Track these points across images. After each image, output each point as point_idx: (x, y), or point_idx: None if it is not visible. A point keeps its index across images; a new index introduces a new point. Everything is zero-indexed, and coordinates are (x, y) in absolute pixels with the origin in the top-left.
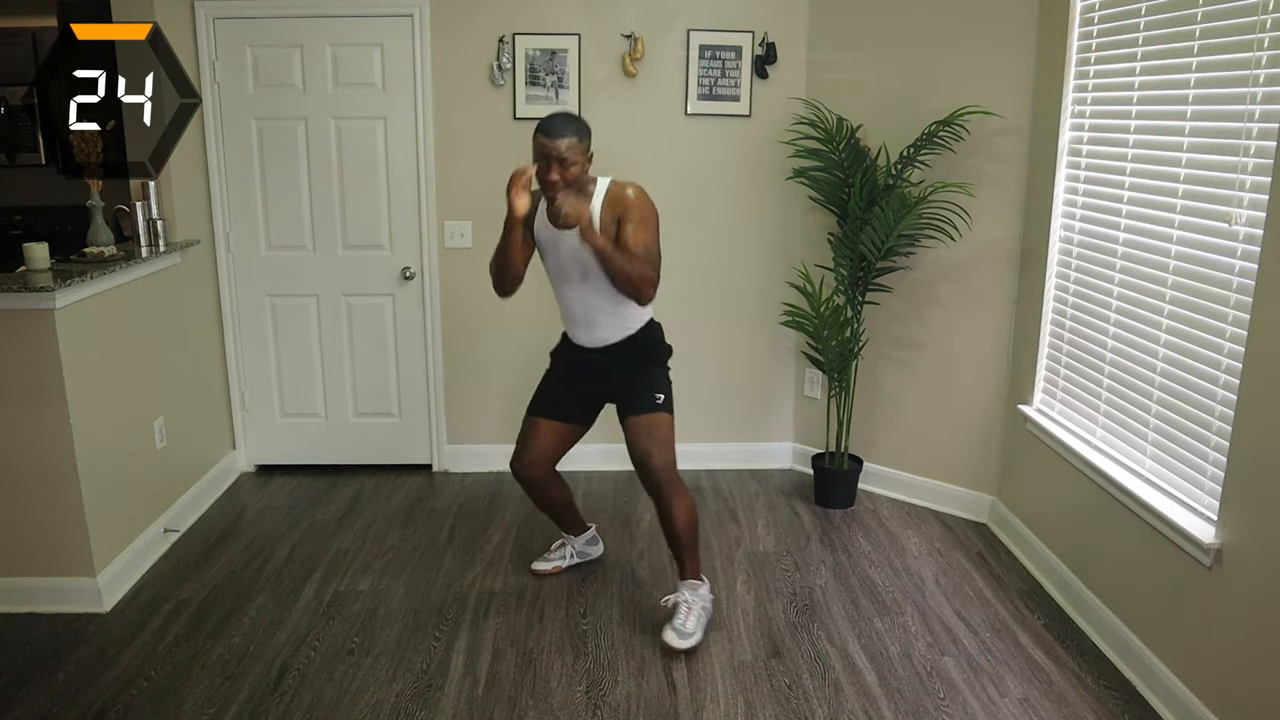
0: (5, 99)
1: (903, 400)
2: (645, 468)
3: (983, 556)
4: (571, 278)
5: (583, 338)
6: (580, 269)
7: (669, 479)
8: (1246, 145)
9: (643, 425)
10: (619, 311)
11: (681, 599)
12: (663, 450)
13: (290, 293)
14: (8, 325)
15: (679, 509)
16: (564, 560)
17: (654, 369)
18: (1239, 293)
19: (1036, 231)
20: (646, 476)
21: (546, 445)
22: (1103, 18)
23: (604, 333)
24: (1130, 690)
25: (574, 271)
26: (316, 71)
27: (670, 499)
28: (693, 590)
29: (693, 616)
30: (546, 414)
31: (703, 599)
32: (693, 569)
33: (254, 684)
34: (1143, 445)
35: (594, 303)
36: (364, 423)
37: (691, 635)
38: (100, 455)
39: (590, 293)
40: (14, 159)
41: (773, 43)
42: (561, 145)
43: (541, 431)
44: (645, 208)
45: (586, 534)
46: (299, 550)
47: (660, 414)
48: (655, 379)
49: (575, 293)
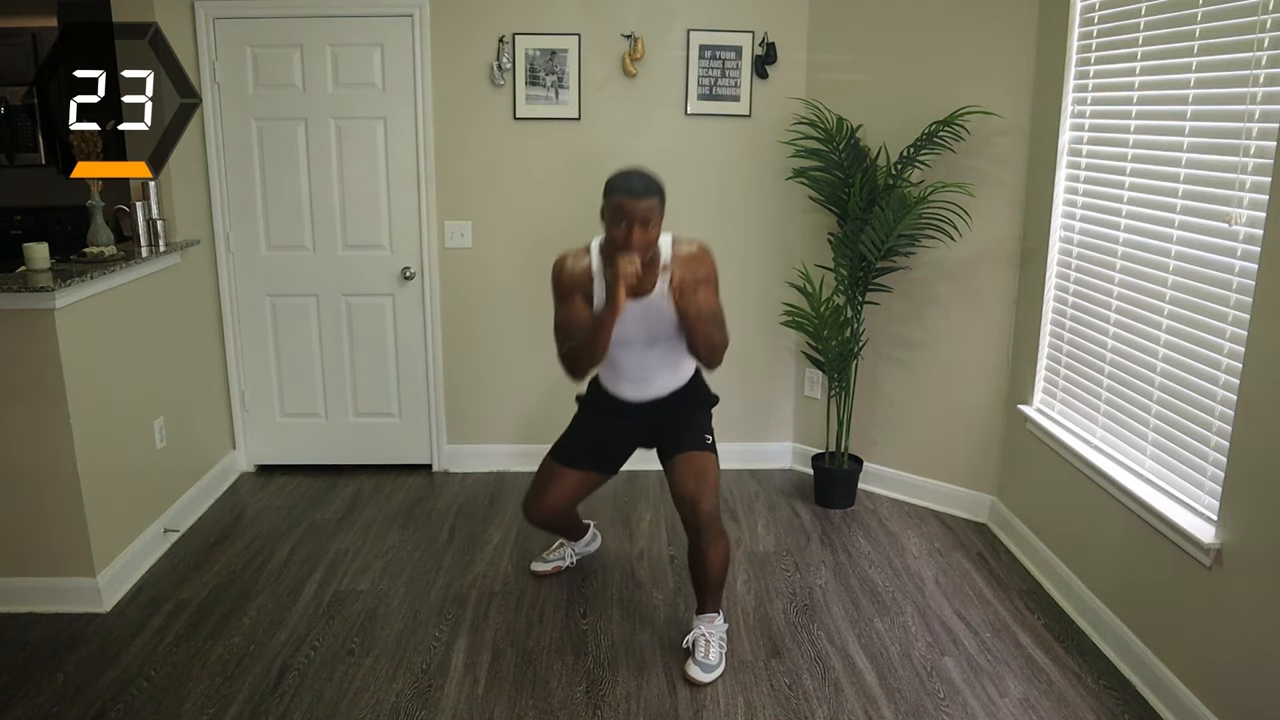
0: (5, 99)
1: (903, 400)
2: (693, 512)
3: (983, 556)
4: (634, 344)
5: (631, 394)
6: (647, 335)
7: (712, 524)
8: (1246, 145)
9: (693, 465)
10: (677, 368)
11: (700, 634)
12: (711, 494)
13: (290, 293)
14: (8, 325)
15: (715, 554)
16: (563, 560)
17: (702, 411)
18: (1239, 293)
19: (1036, 231)
20: (692, 519)
21: (566, 495)
22: (1103, 18)
23: (656, 389)
24: (1130, 690)
25: (638, 338)
26: (316, 71)
27: (710, 543)
28: (710, 624)
29: (714, 649)
30: (573, 463)
31: (719, 630)
32: (714, 604)
33: (254, 684)
34: (1143, 445)
35: (655, 364)
36: (364, 423)
37: (716, 668)
38: (100, 455)
39: (654, 357)
40: (14, 159)
41: (773, 43)
42: (645, 206)
43: (565, 481)
44: (713, 271)
45: (585, 536)
46: (299, 550)
47: (710, 454)
48: (704, 420)
49: (635, 357)
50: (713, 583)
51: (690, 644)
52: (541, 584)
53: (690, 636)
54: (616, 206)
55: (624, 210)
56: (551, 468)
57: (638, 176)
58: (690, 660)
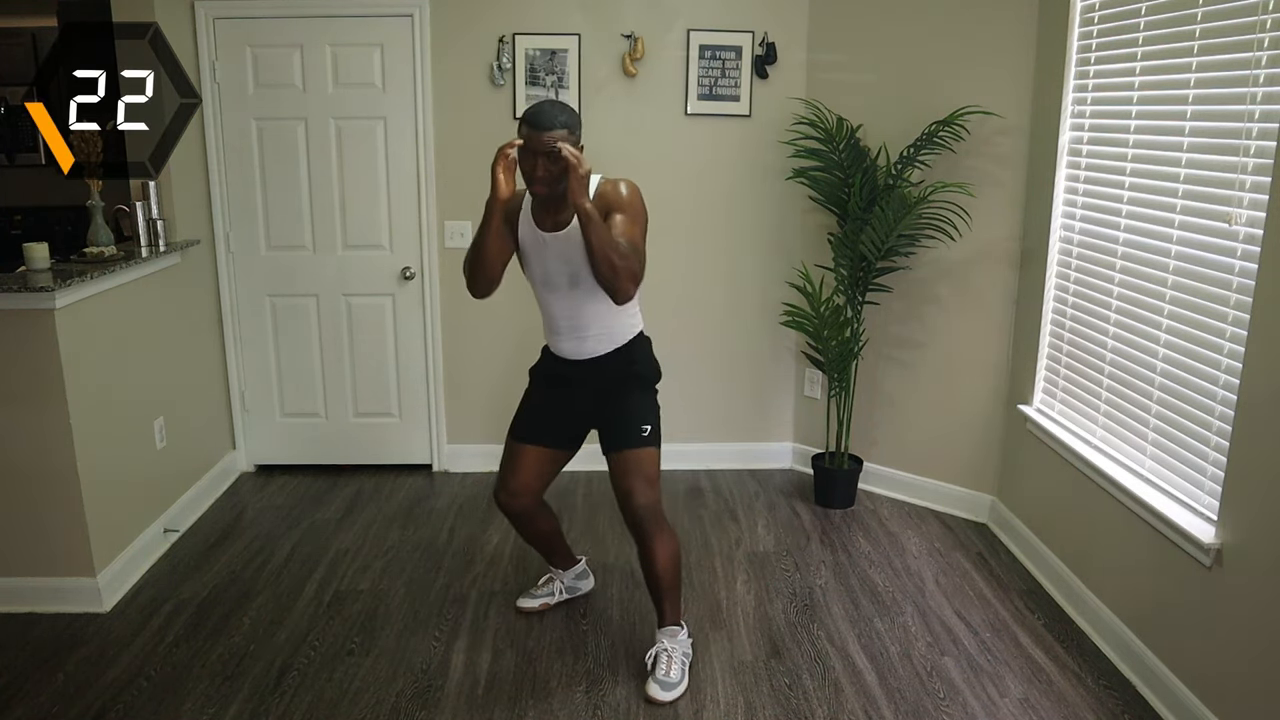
0: (5, 99)
1: (903, 400)
2: (627, 508)
3: (983, 556)
4: (558, 284)
5: (568, 349)
6: (569, 273)
7: (651, 518)
8: (1246, 145)
9: (628, 462)
10: (608, 321)
11: (661, 649)
12: (646, 488)
13: (290, 293)
14: (8, 325)
15: (660, 549)
16: (552, 597)
17: (641, 395)
18: (1239, 293)
19: (1036, 231)
20: (628, 516)
21: (532, 474)
22: (1103, 18)
23: (591, 344)
24: (1130, 690)
25: (562, 277)
26: (316, 71)
27: (651, 537)
28: (672, 638)
29: (675, 665)
30: (530, 439)
31: (683, 645)
32: (673, 615)
33: (254, 684)
34: (1143, 445)
35: (583, 310)
36: (364, 423)
37: (676, 685)
38: (100, 455)
39: (579, 299)
40: (14, 159)
41: (773, 43)
42: (551, 137)
43: (526, 459)
44: (636, 204)
45: (576, 568)
46: (299, 550)
47: (646, 449)
48: (642, 407)
49: (563, 300)
50: (665, 587)
51: (650, 659)
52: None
53: (651, 652)
54: (521, 136)
55: (529, 141)
56: (509, 446)
57: (547, 105)
58: (650, 678)
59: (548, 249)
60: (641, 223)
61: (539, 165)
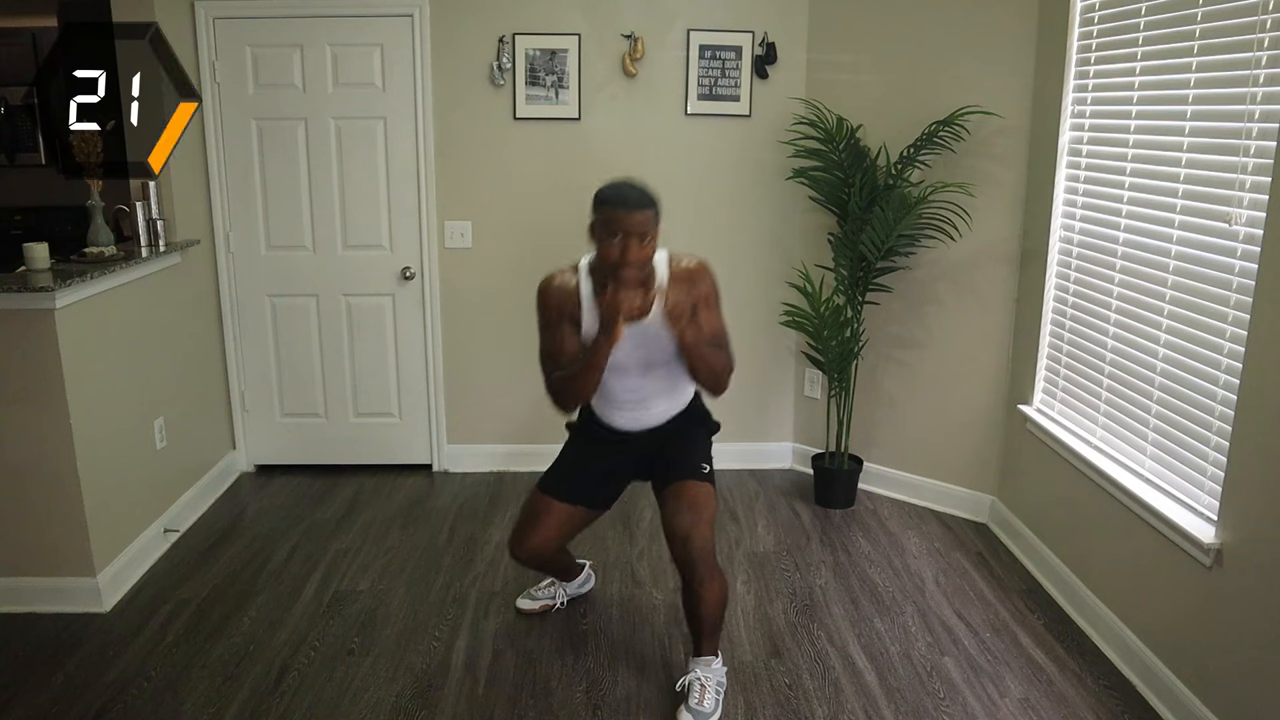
0: (5, 99)
1: (903, 400)
2: (685, 548)
3: (983, 556)
4: (628, 372)
5: (625, 423)
6: (643, 362)
7: (706, 560)
8: (1246, 145)
9: (687, 496)
10: (676, 393)
11: (695, 678)
12: (706, 529)
13: (290, 293)
14: (8, 325)
15: (710, 593)
16: (552, 600)
17: (700, 435)
18: (1239, 293)
19: (1036, 231)
20: (684, 556)
21: (554, 531)
22: (1103, 18)
23: (653, 418)
24: (1130, 690)
25: (633, 365)
26: (316, 71)
27: (704, 581)
28: (706, 666)
29: (709, 695)
30: (562, 497)
31: (717, 674)
32: (710, 648)
33: (254, 684)
34: (1143, 445)
35: (652, 391)
36: (364, 423)
37: (710, 715)
38: (100, 455)
39: (651, 382)
40: (14, 159)
41: (773, 43)
42: (641, 219)
43: (555, 516)
44: (714, 287)
45: (579, 577)
46: (299, 550)
47: (706, 485)
48: (701, 446)
49: (629, 385)
50: (708, 625)
51: (684, 687)
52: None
53: (684, 680)
54: (609, 220)
55: (618, 224)
56: (538, 500)
57: (630, 187)
58: (683, 706)
59: (621, 342)
60: (719, 306)
61: (631, 249)
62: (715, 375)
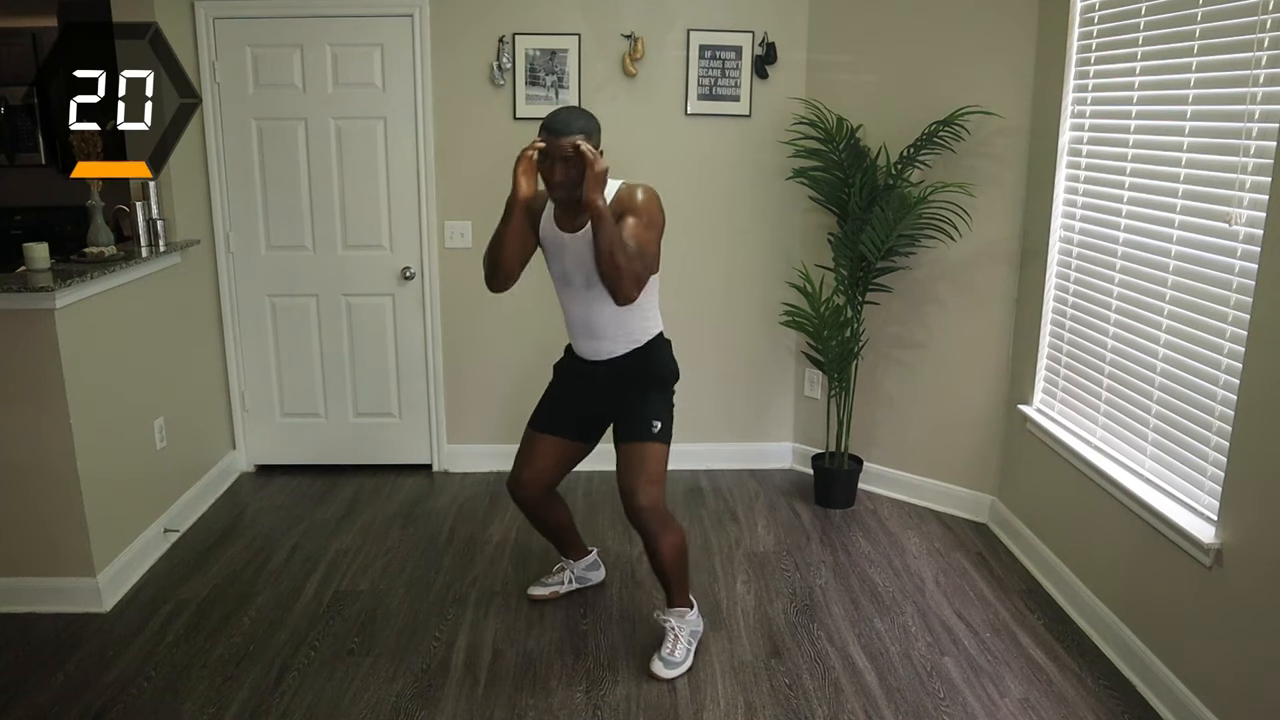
0: (5, 99)
1: (903, 400)
2: (629, 504)
3: (983, 556)
4: (575, 283)
5: (586, 349)
6: (585, 274)
7: (655, 517)
8: (1246, 145)
9: (633, 455)
10: (625, 322)
11: (669, 625)
12: (649, 486)
13: (290, 293)
14: (8, 325)
15: (665, 546)
16: (562, 585)
17: (654, 392)
18: (1239, 293)
19: (1036, 231)
20: (631, 514)
21: (547, 465)
22: (1103, 18)
23: (608, 344)
24: (1130, 690)
25: (579, 276)
26: (316, 71)
27: (656, 536)
28: (679, 617)
29: (680, 644)
30: (548, 429)
31: (690, 624)
32: (680, 598)
33: (254, 684)
34: (1143, 445)
35: (598, 311)
36: (364, 423)
37: (680, 664)
38: (100, 455)
39: (595, 300)
40: (14, 159)
41: (773, 43)
42: (568, 143)
43: (542, 449)
44: (652, 209)
45: (587, 559)
46: (299, 550)
47: (653, 444)
48: (654, 403)
49: (580, 300)
50: (670, 575)
51: (659, 623)
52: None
53: (658, 614)
54: (544, 144)
55: (548, 147)
56: (527, 435)
57: (565, 112)
58: (655, 655)
59: (566, 249)
60: (656, 228)
61: (558, 170)
62: (616, 268)
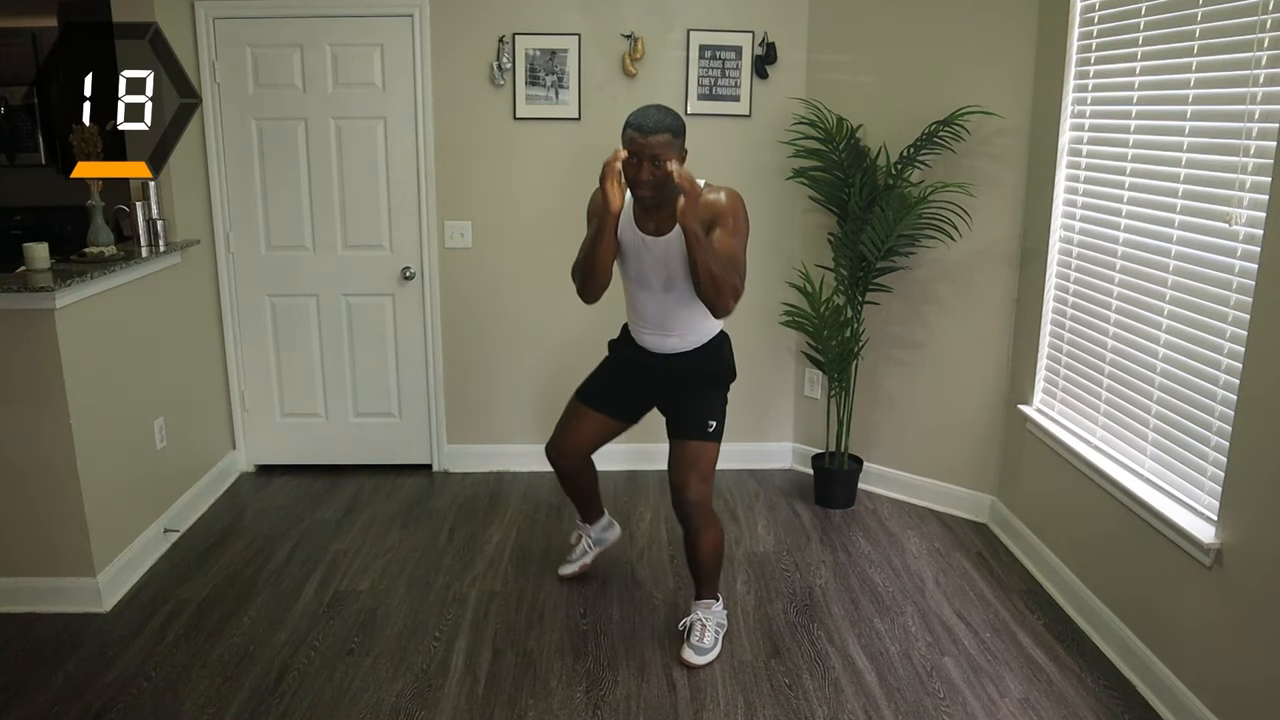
0: (5, 99)
1: (903, 400)
2: (680, 498)
3: (983, 556)
4: (653, 286)
5: (651, 344)
6: (665, 277)
7: (702, 513)
8: (1246, 145)
9: (689, 453)
10: (698, 324)
11: (696, 619)
12: (700, 483)
13: (290, 293)
14: (8, 325)
15: (706, 541)
16: (587, 557)
17: (713, 391)
18: (1239, 293)
19: (1036, 231)
20: (679, 506)
21: (587, 437)
22: (1103, 18)
23: (675, 341)
24: (1130, 690)
25: (657, 279)
26: (316, 71)
27: (699, 530)
28: (706, 609)
29: (709, 633)
30: (595, 405)
31: (717, 615)
32: (709, 591)
33: (254, 684)
34: (1143, 445)
35: (673, 312)
36: (364, 423)
37: (710, 651)
38: (100, 455)
39: (671, 302)
40: (14, 159)
41: (773, 43)
42: (655, 141)
43: (588, 423)
44: (739, 215)
45: (602, 520)
46: (299, 550)
47: (707, 443)
48: (712, 403)
49: (656, 301)
50: (705, 569)
51: (685, 627)
52: (541, 584)
53: (686, 620)
54: (628, 142)
55: (633, 145)
56: (575, 406)
57: (652, 110)
58: (685, 644)
59: (647, 252)
60: (742, 235)
61: (644, 169)
62: (716, 284)
